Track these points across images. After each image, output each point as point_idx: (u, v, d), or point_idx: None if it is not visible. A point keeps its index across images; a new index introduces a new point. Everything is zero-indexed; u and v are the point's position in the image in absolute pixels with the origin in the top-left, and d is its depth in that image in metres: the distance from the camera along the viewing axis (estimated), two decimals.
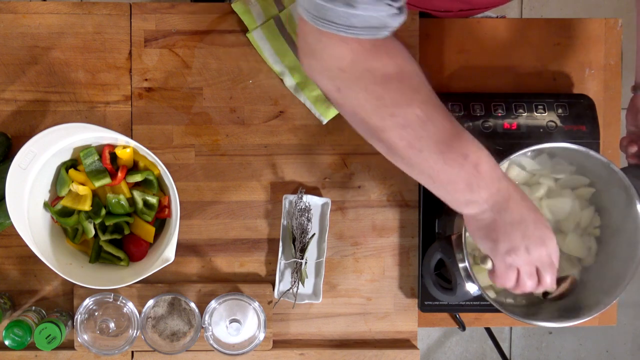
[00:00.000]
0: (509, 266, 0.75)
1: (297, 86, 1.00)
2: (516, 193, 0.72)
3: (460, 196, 0.71)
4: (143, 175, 0.93)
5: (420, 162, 0.68)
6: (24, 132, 0.99)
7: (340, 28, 0.60)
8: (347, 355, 1.01)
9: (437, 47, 1.05)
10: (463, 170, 0.68)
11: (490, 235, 0.73)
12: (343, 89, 0.66)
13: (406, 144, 0.67)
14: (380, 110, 0.65)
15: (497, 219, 0.72)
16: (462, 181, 0.69)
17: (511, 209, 0.71)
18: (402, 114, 0.65)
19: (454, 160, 0.67)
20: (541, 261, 0.75)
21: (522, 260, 0.74)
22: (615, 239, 0.92)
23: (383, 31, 0.62)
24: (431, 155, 0.67)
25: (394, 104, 0.65)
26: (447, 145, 0.67)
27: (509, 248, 0.73)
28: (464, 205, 0.72)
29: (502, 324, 1.08)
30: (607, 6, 2.02)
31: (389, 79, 0.64)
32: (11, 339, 0.90)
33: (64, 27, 1.00)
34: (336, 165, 1.02)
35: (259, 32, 0.99)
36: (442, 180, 0.69)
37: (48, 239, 0.93)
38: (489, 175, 0.69)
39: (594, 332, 2.06)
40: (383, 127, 0.66)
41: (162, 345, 0.96)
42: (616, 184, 0.88)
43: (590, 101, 1.01)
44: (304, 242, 0.99)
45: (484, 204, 0.71)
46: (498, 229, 0.72)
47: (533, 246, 0.73)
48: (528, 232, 0.73)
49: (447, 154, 0.67)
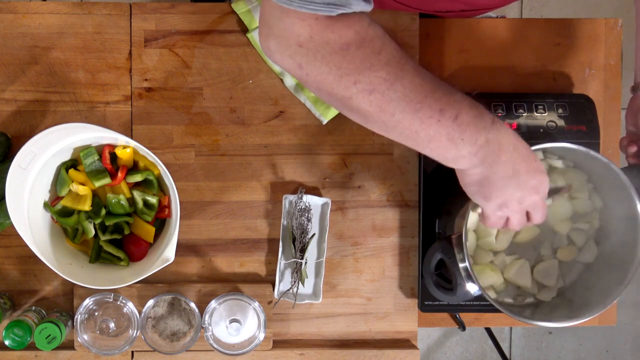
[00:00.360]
0: (500, 217, 0.75)
1: (297, 86, 1.00)
2: (508, 141, 0.69)
3: (446, 153, 0.69)
4: (143, 175, 0.93)
5: (396, 125, 0.66)
6: (24, 132, 0.99)
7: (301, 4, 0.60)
8: (347, 355, 1.01)
9: (437, 47, 1.05)
10: (441, 126, 0.66)
11: (483, 191, 0.72)
12: (304, 64, 0.65)
13: (377, 109, 0.65)
14: (343, 80, 0.64)
15: (489, 174, 0.70)
16: (444, 137, 0.66)
17: (503, 162, 0.69)
18: (366, 79, 0.64)
19: (430, 117, 0.65)
20: (533, 206, 0.75)
21: (513, 210, 0.74)
22: (616, 239, 0.92)
23: (342, 9, 0.62)
24: (405, 116, 0.65)
25: (355, 71, 0.64)
26: (420, 102, 0.65)
27: (501, 203, 0.73)
28: (452, 161, 0.70)
29: (502, 324, 1.08)
30: (607, 6, 2.02)
31: (347, 47, 0.63)
32: (11, 339, 0.90)
33: (64, 27, 1.00)
34: (336, 165, 1.02)
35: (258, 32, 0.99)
36: (423, 139, 0.67)
37: (48, 239, 0.93)
38: (472, 126, 0.67)
39: (594, 332, 2.06)
40: (349, 96, 0.65)
41: (162, 345, 0.96)
42: (616, 183, 0.88)
43: (590, 101, 1.01)
44: (304, 242, 0.99)
45: (473, 158, 0.69)
46: (490, 185, 0.71)
47: (526, 196, 0.73)
48: (521, 184, 0.72)
49: (421, 111, 0.65)
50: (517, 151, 0.71)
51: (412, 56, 1.01)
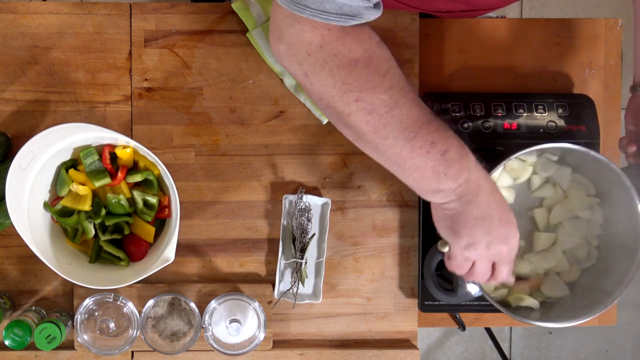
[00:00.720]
0: (466, 259, 0.75)
1: (297, 86, 1.00)
2: (486, 185, 0.71)
3: (427, 185, 0.70)
4: (143, 175, 0.93)
5: (387, 149, 0.68)
6: (24, 132, 0.99)
7: (313, 12, 0.60)
8: (347, 355, 1.01)
9: (437, 47, 1.05)
10: (429, 158, 0.67)
11: (454, 227, 0.73)
12: (310, 73, 0.66)
13: (372, 130, 0.66)
14: (345, 95, 0.65)
15: (463, 212, 0.71)
16: (429, 169, 0.68)
17: (479, 202, 0.71)
18: (368, 98, 0.65)
19: (420, 147, 0.67)
20: (499, 257, 0.75)
21: (479, 254, 0.74)
22: (616, 239, 0.92)
23: (354, 20, 0.62)
24: (397, 142, 0.66)
25: (359, 89, 0.64)
26: (414, 132, 0.66)
27: (469, 243, 0.73)
28: (430, 193, 0.71)
29: (502, 324, 1.08)
30: (607, 6, 2.02)
31: (355, 64, 0.64)
32: (11, 339, 0.90)
33: (64, 27, 1.00)
34: (336, 165, 1.02)
35: (259, 32, 0.99)
36: (409, 167, 0.69)
37: (48, 239, 0.93)
38: (457, 164, 0.68)
39: (594, 332, 2.06)
40: (349, 112, 0.66)
41: (162, 345, 0.96)
42: (616, 183, 0.88)
43: (590, 101, 1.01)
44: (304, 242, 0.99)
45: (451, 193, 0.70)
46: (462, 222, 0.72)
47: (494, 243, 0.73)
48: (492, 229, 0.72)
49: (413, 140, 0.66)
50: (494, 196, 0.72)
51: (412, 56, 1.01)
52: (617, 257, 0.91)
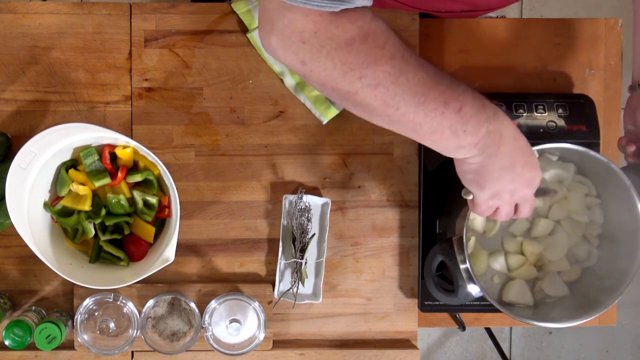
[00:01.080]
0: (490, 207, 0.76)
1: (297, 86, 1.00)
2: (508, 133, 0.71)
3: (447, 144, 0.70)
4: (143, 175, 0.93)
5: (400, 118, 0.67)
6: (24, 132, 0.99)
7: (304, 0, 0.60)
8: (347, 355, 1.01)
9: (437, 47, 1.05)
10: (445, 118, 0.67)
11: (478, 180, 0.73)
12: (308, 60, 0.65)
13: (382, 103, 0.66)
14: (348, 75, 0.64)
15: (487, 164, 0.71)
16: (447, 129, 0.67)
17: (502, 153, 0.70)
18: (371, 73, 0.64)
19: (434, 109, 0.66)
20: (523, 199, 0.76)
21: (504, 201, 0.75)
22: (616, 238, 0.92)
23: (345, 4, 0.62)
24: (409, 110, 0.66)
25: (360, 66, 0.64)
26: (424, 95, 0.65)
27: (494, 192, 0.74)
28: (452, 151, 0.71)
29: (502, 324, 1.08)
30: (607, 6, 2.02)
31: (352, 42, 0.63)
32: (11, 339, 0.90)
33: (64, 27, 1.00)
34: (336, 165, 1.02)
35: (259, 32, 0.99)
36: (426, 131, 0.68)
37: (48, 239, 0.93)
38: (475, 118, 0.68)
39: (594, 332, 2.06)
40: (355, 91, 0.65)
41: (162, 345, 0.96)
42: (616, 183, 0.88)
43: (590, 101, 1.01)
44: (304, 242, 0.99)
45: (473, 148, 0.70)
46: (487, 174, 0.72)
47: (518, 189, 0.74)
48: (516, 177, 0.73)
49: (425, 104, 0.66)
50: (517, 143, 0.72)
51: None
52: (618, 257, 0.91)
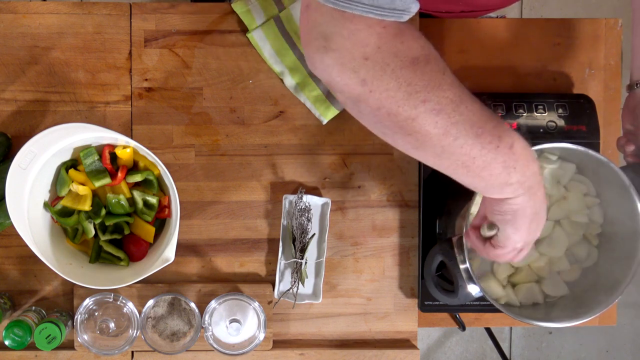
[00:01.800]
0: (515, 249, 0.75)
1: (297, 86, 1.00)
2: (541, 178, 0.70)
3: (496, 180, 0.67)
4: (143, 175, 0.93)
5: (455, 150, 0.63)
6: (24, 132, 0.99)
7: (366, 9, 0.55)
8: (347, 355, 1.01)
9: (437, 47, 1.02)
10: (499, 153, 0.64)
11: (516, 222, 0.71)
12: (369, 79, 0.59)
13: (441, 132, 0.61)
14: (412, 97, 0.59)
15: (527, 207, 0.69)
16: (499, 164, 0.65)
17: (538, 197, 0.69)
18: (435, 98, 0.60)
19: (490, 142, 0.63)
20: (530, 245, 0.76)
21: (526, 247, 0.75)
22: (615, 238, 0.92)
23: (404, 15, 0.58)
24: (467, 141, 0.62)
25: (425, 89, 0.59)
26: (482, 128, 0.62)
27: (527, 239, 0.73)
28: (498, 189, 0.68)
29: (502, 324, 1.08)
30: (607, 6, 2.02)
31: (417, 62, 0.59)
32: (11, 339, 0.90)
33: (64, 27, 1.00)
34: (336, 165, 1.02)
35: (259, 32, 0.99)
36: (478, 166, 0.65)
37: (48, 239, 0.93)
38: (523, 156, 0.66)
39: (594, 332, 2.07)
40: (415, 116, 0.60)
41: (162, 345, 0.96)
42: (616, 183, 0.88)
43: (590, 101, 1.01)
44: (304, 242, 0.99)
45: (519, 187, 0.67)
46: (525, 217, 0.70)
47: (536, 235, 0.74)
48: (540, 224, 0.72)
49: (482, 137, 0.63)
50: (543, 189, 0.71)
51: None
52: (617, 257, 0.91)
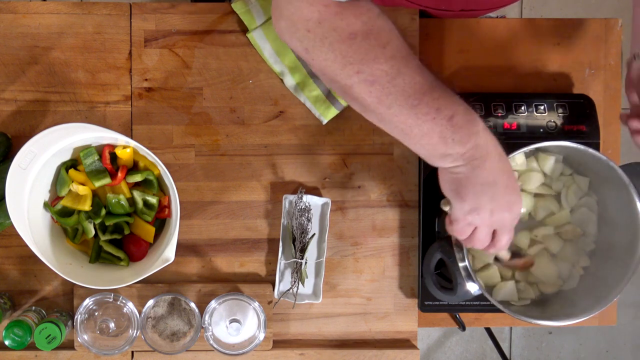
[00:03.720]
0: (468, 223, 0.75)
1: (297, 86, 1.00)
2: (495, 151, 0.71)
3: (435, 150, 0.70)
4: (143, 175, 0.93)
5: (392, 118, 0.68)
6: (24, 132, 0.99)
7: None
8: (347, 355, 1.01)
9: (437, 47, 1.05)
10: (436, 124, 0.67)
11: (459, 191, 0.73)
12: (310, 49, 0.66)
13: (375, 100, 0.67)
14: (346, 68, 0.66)
15: (470, 177, 0.71)
16: (436, 135, 0.68)
17: (486, 168, 0.71)
18: (368, 70, 0.65)
19: (426, 114, 0.67)
20: (501, 224, 0.75)
21: (482, 221, 0.74)
22: (615, 237, 0.92)
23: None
24: (402, 110, 0.67)
25: (359, 61, 0.65)
26: (418, 99, 0.66)
27: (473, 207, 0.73)
28: (438, 158, 0.72)
29: (502, 324, 1.08)
30: (607, 6, 2.02)
31: (354, 37, 0.64)
32: (11, 339, 0.90)
33: (64, 27, 1.00)
34: (336, 165, 1.02)
35: (259, 32, 0.99)
36: (416, 134, 0.69)
37: (48, 239, 0.93)
38: (465, 129, 0.68)
39: (594, 332, 2.06)
40: (351, 84, 0.67)
41: (162, 345, 0.96)
42: (616, 182, 0.88)
43: (590, 101, 1.01)
44: (304, 242, 0.99)
45: (459, 158, 0.70)
46: (468, 186, 0.72)
47: (498, 210, 0.73)
48: (497, 196, 0.72)
49: (418, 107, 0.66)
50: (502, 163, 0.72)
51: None
52: (617, 256, 0.91)
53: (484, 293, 0.87)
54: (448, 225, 0.78)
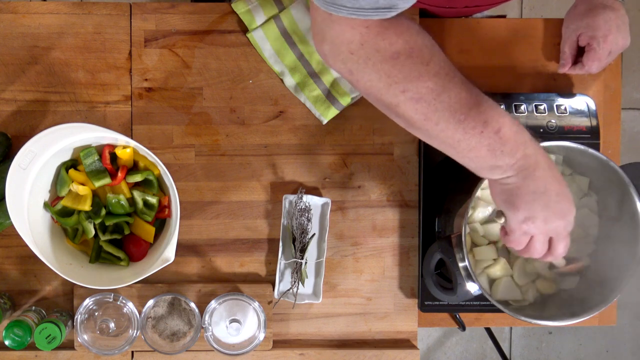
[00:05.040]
0: (524, 232, 0.75)
1: (297, 86, 1.00)
2: (544, 161, 0.72)
3: (484, 163, 0.71)
4: (143, 175, 0.93)
5: (439, 134, 0.69)
6: (24, 132, 0.99)
7: (350, 11, 0.62)
8: (347, 355, 1.01)
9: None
10: (484, 137, 0.68)
11: (512, 201, 0.73)
12: (355, 71, 0.67)
13: (422, 117, 0.68)
14: (392, 88, 0.67)
15: (522, 186, 0.72)
16: (484, 148, 0.69)
17: (537, 177, 0.71)
18: (414, 88, 0.66)
19: (473, 128, 0.68)
20: (557, 232, 0.75)
21: (538, 229, 0.74)
22: (615, 237, 0.92)
23: (391, 12, 0.63)
24: (449, 126, 0.68)
25: (404, 80, 0.66)
26: (465, 114, 0.67)
27: (527, 216, 0.73)
28: (488, 171, 0.72)
29: (502, 324, 1.08)
30: None
31: (397, 56, 0.65)
32: (11, 339, 0.90)
33: (64, 27, 1.00)
34: (336, 165, 1.02)
35: (259, 32, 0.99)
36: (464, 148, 0.70)
37: (48, 239, 0.93)
38: (513, 140, 0.69)
39: (594, 332, 2.06)
40: (397, 103, 0.68)
41: (162, 345, 0.96)
42: (615, 182, 0.88)
43: (590, 101, 1.01)
44: (304, 242, 0.99)
45: (509, 169, 0.71)
46: (521, 196, 0.72)
47: (552, 218, 0.74)
48: (549, 204, 0.73)
49: (465, 122, 0.67)
50: (551, 171, 0.73)
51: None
52: (617, 254, 0.91)
53: (484, 293, 0.87)
54: (503, 237, 0.79)
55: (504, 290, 0.94)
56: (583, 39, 0.98)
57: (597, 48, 0.96)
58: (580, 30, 0.98)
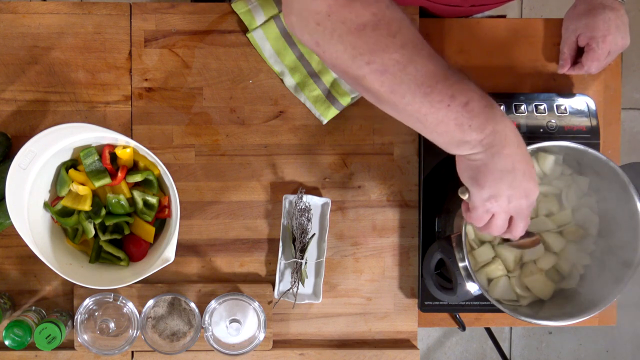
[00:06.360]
0: (487, 210, 0.75)
1: (297, 86, 1.00)
2: (514, 138, 0.71)
3: (452, 137, 0.70)
4: (143, 175, 0.93)
5: (405, 107, 0.68)
6: (24, 132, 0.99)
7: None
8: (347, 355, 1.01)
9: (437, 47, 1.05)
10: (451, 111, 0.67)
11: (478, 178, 0.73)
12: (321, 42, 0.67)
13: (388, 90, 0.67)
14: (357, 60, 0.66)
15: (489, 163, 0.71)
16: (452, 121, 0.68)
17: (505, 155, 0.70)
18: (379, 60, 0.65)
19: (440, 101, 0.67)
20: (518, 211, 0.75)
21: (501, 207, 0.74)
22: (615, 237, 0.92)
23: None
24: (415, 99, 0.67)
25: (369, 52, 0.65)
26: (431, 87, 0.66)
27: (492, 194, 0.73)
28: (455, 146, 0.71)
29: (502, 324, 1.08)
30: None
31: (363, 28, 0.65)
32: (11, 339, 0.90)
33: (64, 27, 1.00)
34: (336, 165, 1.02)
35: (259, 32, 0.99)
36: (431, 122, 0.68)
37: (48, 239, 0.93)
38: (482, 115, 0.68)
39: (594, 332, 2.07)
40: (362, 75, 0.67)
41: (162, 345, 0.96)
42: (616, 182, 0.88)
43: (590, 101, 1.01)
44: (304, 242, 0.99)
45: (477, 145, 0.70)
46: (487, 173, 0.72)
47: (516, 197, 0.73)
48: (515, 183, 0.72)
49: (431, 95, 0.66)
50: (520, 149, 0.72)
51: None
52: (617, 256, 0.91)
53: (484, 293, 0.87)
54: (465, 212, 0.78)
55: (502, 289, 0.94)
56: (582, 39, 0.98)
57: (596, 48, 0.96)
58: (579, 31, 0.98)
